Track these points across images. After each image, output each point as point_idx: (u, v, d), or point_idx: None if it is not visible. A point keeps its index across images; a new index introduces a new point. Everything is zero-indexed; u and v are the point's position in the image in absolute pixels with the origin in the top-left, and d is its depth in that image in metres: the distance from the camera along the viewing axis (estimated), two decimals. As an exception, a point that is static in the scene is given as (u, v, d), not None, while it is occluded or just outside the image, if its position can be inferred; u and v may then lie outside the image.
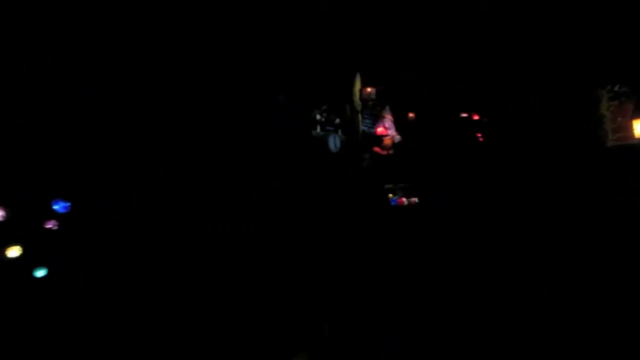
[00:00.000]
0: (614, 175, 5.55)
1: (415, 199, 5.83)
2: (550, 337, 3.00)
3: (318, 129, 5.69)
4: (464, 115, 6.81)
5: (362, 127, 6.12)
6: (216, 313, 3.21)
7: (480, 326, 3.13)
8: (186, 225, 3.78)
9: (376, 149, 6.14)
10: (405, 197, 5.82)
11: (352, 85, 6.00)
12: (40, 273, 3.04)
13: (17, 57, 3.35)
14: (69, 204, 3.24)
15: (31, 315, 2.89)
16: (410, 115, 6.64)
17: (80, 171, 3.52)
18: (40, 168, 3.33)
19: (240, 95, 4.63)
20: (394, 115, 6.35)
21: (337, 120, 5.86)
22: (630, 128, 6.26)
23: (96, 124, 3.69)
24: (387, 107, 6.35)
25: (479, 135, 6.76)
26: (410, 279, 3.77)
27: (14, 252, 2.98)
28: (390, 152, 6.19)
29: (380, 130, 6.20)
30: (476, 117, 6.83)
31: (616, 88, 6.38)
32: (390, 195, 5.84)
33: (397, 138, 6.24)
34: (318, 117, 5.67)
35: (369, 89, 6.18)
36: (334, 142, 5.65)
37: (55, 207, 3.23)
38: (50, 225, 3.19)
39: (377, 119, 6.27)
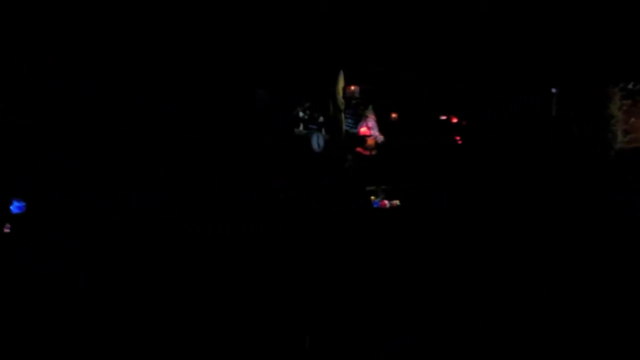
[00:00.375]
0: (614, 175, 5.53)
1: (397, 202, 5.67)
2: (550, 337, 3.00)
3: (301, 127, 5.48)
4: (443, 117, 6.65)
5: (344, 127, 5.92)
6: (213, 314, 3.21)
7: (480, 326, 3.13)
8: (186, 225, 3.78)
9: (359, 149, 5.97)
10: (387, 199, 5.68)
11: (335, 82, 5.78)
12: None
13: (17, 57, 3.35)
14: (23, 203, 3.17)
15: (30, 316, 2.90)
16: (393, 115, 6.48)
17: (80, 171, 3.52)
18: (39, 168, 3.33)
19: (229, 93, 4.58)
20: (378, 115, 6.16)
21: (321, 119, 5.66)
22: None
23: (96, 124, 3.69)
24: (371, 107, 6.16)
25: (458, 138, 6.61)
26: (409, 280, 3.77)
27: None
28: (373, 152, 6.01)
29: (363, 130, 6.01)
30: (455, 120, 6.69)
31: (630, 86, 5.93)
32: (373, 197, 5.68)
33: (380, 138, 6.05)
34: (301, 114, 5.47)
35: (352, 88, 5.97)
36: (317, 141, 5.47)
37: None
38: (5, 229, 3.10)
39: (360, 118, 6.08)
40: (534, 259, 3.98)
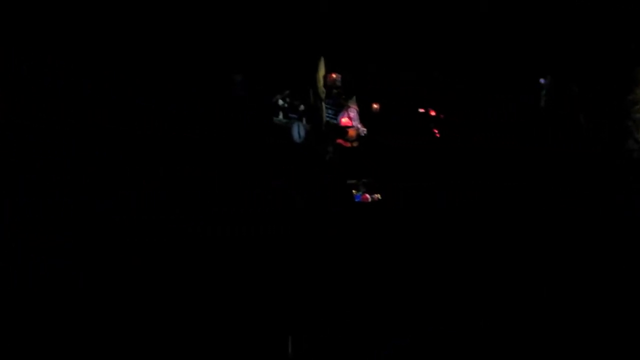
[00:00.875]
0: (614, 175, 5.51)
1: (378, 195, 5.52)
2: (550, 337, 3.00)
3: (280, 116, 5.18)
4: (421, 110, 6.39)
5: (325, 117, 5.61)
6: (214, 314, 3.21)
7: (480, 326, 3.13)
8: (186, 225, 3.78)
9: (340, 140, 5.67)
10: (368, 193, 5.42)
11: (316, 69, 5.44)
12: None
13: (17, 57, 3.35)
14: None
15: (30, 316, 2.90)
16: (375, 106, 6.19)
17: (80, 171, 3.52)
18: (40, 168, 3.33)
19: (217, 86, 4.46)
20: (361, 107, 5.85)
21: (301, 107, 5.36)
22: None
23: (96, 124, 3.70)
24: (354, 98, 5.82)
25: (436, 131, 6.41)
26: (409, 280, 3.77)
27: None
28: (355, 144, 5.74)
29: (344, 120, 5.71)
30: (433, 113, 6.46)
31: None
32: (354, 191, 5.42)
33: (363, 131, 5.76)
34: (280, 102, 5.17)
35: (334, 75, 5.61)
36: (298, 131, 5.19)
37: None
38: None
39: (341, 108, 5.74)
40: (534, 259, 3.98)
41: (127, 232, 3.52)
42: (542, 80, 5.99)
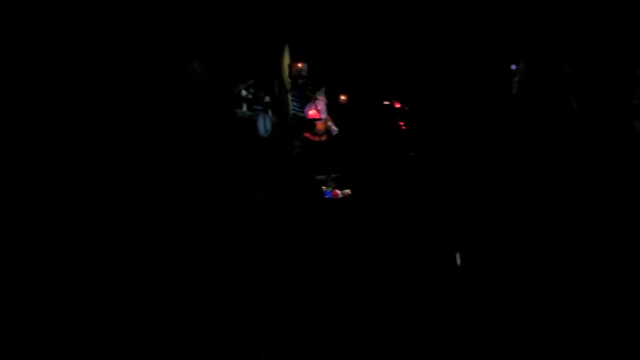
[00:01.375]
0: (614, 175, 5.49)
1: (348, 191, 5.31)
2: (550, 337, 3.00)
3: (244, 108, 4.82)
4: (386, 102, 6.07)
5: (291, 110, 5.22)
6: (214, 314, 3.21)
7: (480, 326, 3.13)
8: (186, 225, 3.78)
9: (307, 134, 5.36)
10: (338, 189, 5.10)
11: (280, 58, 5.06)
12: None
13: (17, 57, 3.35)
14: None
15: (30, 316, 2.90)
16: (342, 98, 5.73)
17: (80, 171, 3.53)
18: (40, 168, 3.33)
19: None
20: (330, 100, 5.46)
21: (267, 99, 4.97)
22: None
23: (96, 124, 3.70)
24: (323, 90, 5.45)
25: (402, 123, 6.16)
26: (409, 279, 3.77)
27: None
28: (323, 138, 5.43)
29: (312, 113, 5.35)
30: (398, 105, 6.19)
31: None
32: (324, 187, 5.10)
33: (335, 130, 5.44)
34: (244, 93, 4.82)
35: (299, 65, 5.20)
36: (263, 125, 4.82)
37: None
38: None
39: (308, 100, 5.37)
40: (534, 259, 3.98)
41: (127, 232, 3.52)
42: (513, 67, 5.71)
